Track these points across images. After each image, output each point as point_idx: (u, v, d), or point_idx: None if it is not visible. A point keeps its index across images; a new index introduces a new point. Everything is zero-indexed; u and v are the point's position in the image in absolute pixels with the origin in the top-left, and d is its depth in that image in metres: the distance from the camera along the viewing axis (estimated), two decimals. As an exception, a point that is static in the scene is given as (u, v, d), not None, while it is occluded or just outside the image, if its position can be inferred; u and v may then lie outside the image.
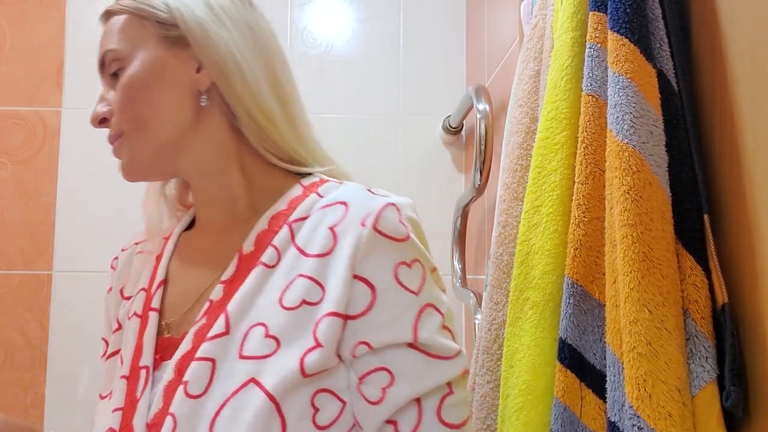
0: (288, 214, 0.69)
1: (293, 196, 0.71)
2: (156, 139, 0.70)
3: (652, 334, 0.59)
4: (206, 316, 0.66)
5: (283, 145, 0.73)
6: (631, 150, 0.63)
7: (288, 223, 0.69)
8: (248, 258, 0.68)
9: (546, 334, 0.75)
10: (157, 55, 0.70)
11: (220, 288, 0.67)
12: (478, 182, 1.40)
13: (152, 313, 0.71)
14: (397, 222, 0.65)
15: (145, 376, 0.66)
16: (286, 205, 0.70)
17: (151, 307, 0.71)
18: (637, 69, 0.65)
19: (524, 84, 0.93)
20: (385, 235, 0.64)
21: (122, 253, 0.83)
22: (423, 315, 0.64)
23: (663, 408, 0.58)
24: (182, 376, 0.63)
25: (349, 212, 0.66)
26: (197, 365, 0.63)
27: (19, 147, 1.75)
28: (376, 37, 1.83)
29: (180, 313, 0.70)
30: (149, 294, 0.73)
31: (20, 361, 1.68)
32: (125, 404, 0.66)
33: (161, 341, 0.69)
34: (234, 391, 0.61)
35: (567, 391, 0.69)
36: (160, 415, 0.63)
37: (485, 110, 1.40)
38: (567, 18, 0.79)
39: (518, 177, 0.91)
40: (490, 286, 0.93)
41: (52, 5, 1.79)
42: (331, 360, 0.62)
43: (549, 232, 0.76)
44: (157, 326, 0.70)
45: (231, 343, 0.63)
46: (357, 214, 0.65)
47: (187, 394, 0.62)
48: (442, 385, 0.63)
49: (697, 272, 0.62)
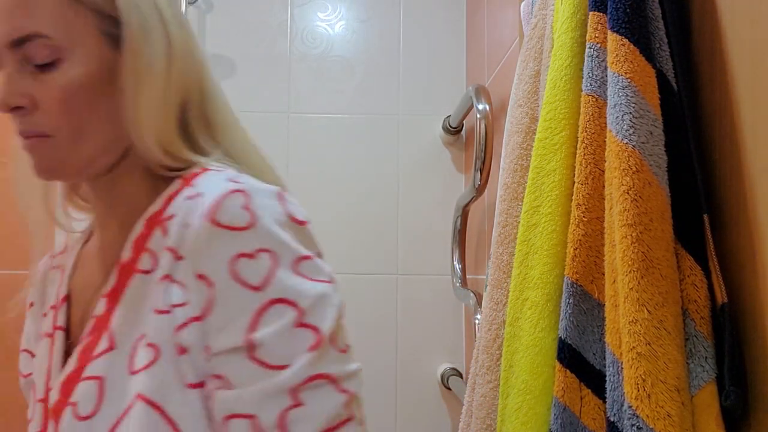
0: (162, 213, 0.62)
1: (170, 192, 0.63)
2: (90, 149, 0.63)
3: (651, 334, 0.59)
4: (92, 334, 0.61)
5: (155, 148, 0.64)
6: (630, 150, 0.63)
7: (160, 222, 0.61)
8: (126, 267, 0.62)
9: (545, 333, 0.75)
10: (103, 56, 0.62)
11: (103, 302, 0.62)
12: (478, 182, 1.40)
13: (58, 332, 0.66)
14: (239, 209, 0.56)
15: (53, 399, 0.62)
16: (162, 204, 0.63)
17: (56, 326, 0.66)
18: (637, 69, 0.65)
19: (524, 84, 0.93)
20: (222, 225, 0.55)
21: (41, 265, 0.77)
22: (266, 314, 0.54)
23: (662, 408, 0.58)
24: (68, 398, 0.59)
25: (200, 203, 0.57)
26: (84, 385, 0.58)
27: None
28: (376, 37, 1.83)
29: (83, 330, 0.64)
30: (56, 312, 0.68)
31: (20, 361, 1.69)
32: (41, 428, 0.63)
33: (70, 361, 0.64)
34: (126, 408, 0.56)
35: (566, 390, 0.69)
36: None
37: (485, 110, 1.40)
38: (567, 18, 0.79)
39: (518, 177, 0.91)
40: (490, 286, 0.93)
41: (52, 5, 1.79)
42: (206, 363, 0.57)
43: (548, 232, 0.76)
44: (63, 346, 0.65)
45: (118, 358, 0.58)
46: (202, 204, 0.57)
47: (76, 416, 0.57)
48: (277, 395, 0.53)
49: (696, 272, 0.62)
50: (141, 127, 0.62)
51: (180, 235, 0.58)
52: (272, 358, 0.54)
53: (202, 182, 0.60)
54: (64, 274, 0.71)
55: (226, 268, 0.55)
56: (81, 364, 0.60)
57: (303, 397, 0.53)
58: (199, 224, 0.56)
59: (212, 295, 0.55)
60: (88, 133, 0.62)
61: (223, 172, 0.62)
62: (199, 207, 0.57)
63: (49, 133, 0.61)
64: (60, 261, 0.74)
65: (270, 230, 0.56)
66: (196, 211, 0.57)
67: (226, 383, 0.55)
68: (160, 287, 0.58)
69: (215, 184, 0.58)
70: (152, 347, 0.56)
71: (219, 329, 0.55)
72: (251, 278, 0.55)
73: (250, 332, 0.54)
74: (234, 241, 0.55)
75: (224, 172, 0.62)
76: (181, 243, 0.57)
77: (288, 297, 0.55)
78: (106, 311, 0.61)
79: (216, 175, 0.61)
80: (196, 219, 0.56)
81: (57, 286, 0.71)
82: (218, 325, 0.55)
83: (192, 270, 0.56)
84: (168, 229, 0.60)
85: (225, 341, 0.54)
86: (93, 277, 0.67)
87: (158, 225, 0.61)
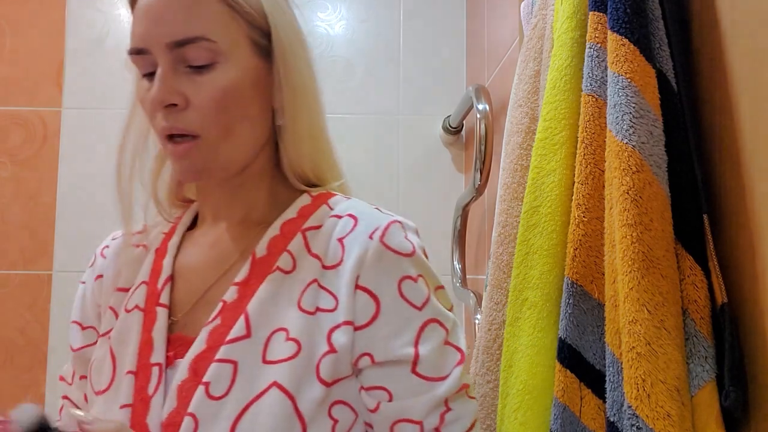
0: (299, 222, 0.70)
1: (302, 204, 0.72)
2: (236, 149, 0.68)
3: (651, 334, 0.59)
4: (220, 316, 0.66)
5: (311, 173, 0.74)
6: (630, 150, 0.63)
7: (301, 230, 0.69)
8: (261, 262, 0.68)
9: (544, 334, 0.75)
10: (253, 63, 0.68)
11: (233, 290, 0.67)
12: (478, 182, 1.40)
13: (161, 309, 0.69)
14: (402, 238, 0.67)
15: (158, 374, 0.65)
16: (296, 213, 0.71)
17: (160, 303, 0.70)
18: (637, 69, 0.65)
19: (524, 84, 0.93)
20: (392, 249, 0.65)
21: (113, 241, 0.80)
22: (425, 330, 0.65)
23: (662, 408, 0.58)
24: (199, 377, 0.62)
25: (358, 225, 0.67)
26: (218, 366, 0.62)
27: (19, 147, 1.75)
28: (376, 37, 1.83)
29: (184, 310, 0.70)
30: (154, 289, 0.71)
31: (20, 361, 1.68)
32: (134, 401, 0.64)
33: (172, 338, 0.68)
34: (257, 394, 0.61)
35: (566, 390, 0.69)
36: (175, 414, 0.62)
37: (485, 110, 1.40)
38: (567, 18, 0.79)
39: (518, 177, 0.91)
40: (490, 286, 0.93)
41: (52, 5, 1.79)
42: (345, 368, 0.64)
43: (547, 233, 0.76)
44: (166, 322, 0.68)
45: (253, 347, 0.63)
46: (365, 227, 0.67)
47: (209, 396, 0.61)
48: (439, 404, 0.64)
49: (696, 272, 0.62)
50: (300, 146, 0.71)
51: (333, 248, 0.67)
52: (431, 371, 0.64)
53: (349, 207, 0.70)
54: (164, 256, 0.74)
55: (395, 287, 0.65)
56: (211, 345, 0.64)
57: (452, 404, 0.65)
58: (369, 244, 0.65)
59: (379, 308, 0.64)
60: (233, 134, 0.67)
61: (357, 200, 0.73)
62: (362, 229, 0.66)
63: (198, 133, 0.65)
64: (139, 240, 0.78)
65: (424, 260, 0.67)
66: (360, 232, 0.66)
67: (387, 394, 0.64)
68: (303, 289, 0.65)
69: (369, 212, 0.69)
70: (294, 342, 0.63)
71: (387, 339, 0.64)
72: (414, 299, 0.65)
73: (414, 346, 0.64)
74: (401, 264, 0.65)
75: (358, 200, 0.72)
76: (331, 255, 0.67)
77: (439, 318, 0.66)
78: (239, 298, 0.66)
79: (359, 202, 0.71)
80: (363, 239, 0.66)
81: (150, 264, 0.74)
82: (385, 335, 0.64)
83: (352, 280, 0.64)
84: (311, 239, 0.68)
85: (393, 351, 0.63)
86: (202, 263, 0.72)
87: (298, 232, 0.69)
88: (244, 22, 0.67)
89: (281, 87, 0.69)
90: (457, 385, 0.65)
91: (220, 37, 0.64)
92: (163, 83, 0.64)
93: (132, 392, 0.65)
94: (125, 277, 0.75)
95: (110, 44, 1.80)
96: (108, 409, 0.66)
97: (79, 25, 1.79)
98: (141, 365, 0.66)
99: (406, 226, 0.68)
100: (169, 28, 0.63)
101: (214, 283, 0.70)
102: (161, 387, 0.64)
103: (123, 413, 0.64)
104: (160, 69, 0.64)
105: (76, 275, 1.72)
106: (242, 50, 0.67)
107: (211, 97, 0.64)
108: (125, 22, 1.80)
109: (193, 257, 0.74)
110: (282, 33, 0.69)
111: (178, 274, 0.73)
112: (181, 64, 0.65)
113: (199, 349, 0.64)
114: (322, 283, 0.66)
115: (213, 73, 0.65)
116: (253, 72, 0.67)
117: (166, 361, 0.66)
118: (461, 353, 0.67)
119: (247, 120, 0.68)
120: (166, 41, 0.63)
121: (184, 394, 0.62)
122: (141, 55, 0.65)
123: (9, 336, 1.70)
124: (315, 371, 0.62)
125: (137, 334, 0.68)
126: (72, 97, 1.77)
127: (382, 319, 0.64)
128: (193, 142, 0.65)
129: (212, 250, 0.73)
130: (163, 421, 0.62)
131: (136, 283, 0.73)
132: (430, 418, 0.64)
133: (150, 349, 0.67)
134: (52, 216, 1.74)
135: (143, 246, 0.77)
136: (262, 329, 0.64)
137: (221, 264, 0.71)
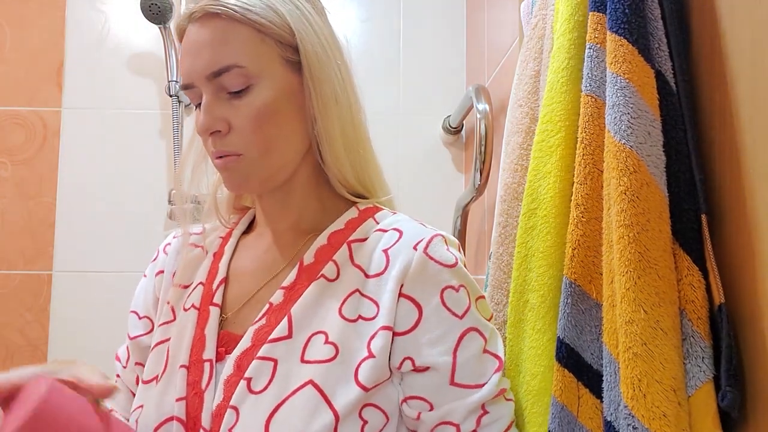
0: (346, 233, 0.75)
1: (350, 217, 0.76)
2: (278, 163, 0.72)
3: (647, 335, 0.59)
4: (266, 317, 0.70)
5: (354, 180, 0.77)
6: (628, 151, 0.63)
7: (347, 242, 0.74)
8: (308, 269, 0.73)
9: (543, 334, 0.75)
10: (286, 79, 0.71)
11: (280, 293, 0.72)
12: (478, 182, 1.40)
13: (214, 309, 0.74)
14: (445, 250, 0.71)
15: (209, 369, 0.69)
16: (343, 225, 0.76)
17: (213, 302, 0.74)
18: (636, 69, 0.65)
19: (524, 84, 0.93)
20: (435, 260, 0.70)
21: (174, 239, 0.85)
22: (465, 338, 0.68)
23: (658, 408, 0.58)
24: (243, 372, 0.67)
25: (403, 238, 0.72)
26: (259, 363, 0.67)
27: (19, 147, 1.76)
28: (376, 37, 1.83)
29: (234, 310, 0.74)
30: (210, 289, 0.76)
31: (20, 361, 1.69)
32: (188, 395, 0.68)
33: (221, 335, 0.72)
34: (293, 390, 0.65)
35: (564, 390, 0.69)
36: (221, 406, 0.66)
37: (485, 110, 1.40)
38: (566, 18, 0.79)
39: (518, 177, 0.91)
40: (491, 286, 0.93)
41: (52, 5, 1.79)
42: (383, 372, 0.67)
43: (544, 235, 0.76)
44: (218, 321, 0.73)
45: (293, 347, 0.67)
46: (410, 239, 0.71)
47: (250, 390, 0.66)
48: (476, 409, 0.68)
49: (693, 272, 0.62)
50: (336, 154, 0.74)
51: (377, 259, 0.71)
52: (469, 379, 0.68)
53: (394, 222, 0.75)
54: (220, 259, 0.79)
55: (438, 296, 0.69)
56: (255, 343, 0.69)
57: (489, 407, 0.69)
58: (413, 255, 0.69)
59: (421, 315, 0.68)
60: (274, 149, 0.71)
61: (402, 215, 0.77)
62: (407, 241, 0.71)
63: (241, 152, 0.71)
64: (198, 241, 0.83)
65: (465, 271, 0.72)
66: (404, 244, 0.70)
67: (427, 405, 0.68)
68: (345, 297, 0.69)
69: (413, 226, 0.74)
70: (333, 345, 0.67)
71: (430, 344, 0.67)
72: (456, 308, 0.69)
73: (452, 354, 0.68)
74: (444, 274, 0.69)
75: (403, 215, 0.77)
76: (375, 265, 0.71)
77: (478, 327, 0.70)
78: (284, 301, 0.71)
79: (404, 217, 0.76)
80: (408, 250, 0.70)
81: (208, 266, 0.79)
82: (427, 342, 0.68)
83: (396, 288, 0.68)
84: (356, 250, 0.73)
85: (432, 357, 0.67)
86: (254, 266, 0.77)
87: (344, 243, 0.74)
88: (273, 42, 0.70)
89: (311, 98, 0.72)
90: (495, 391, 0.69)
91: (250, 62, 0.69)
92: (206, 113, 0.70)
93: (185, 386, 0.69)
94: (183, 275, 0.80)
95: (110, 44, 1.80)
96: (161, 401, 0.70)
97: (79, 25, 1.79)
98: (193, 360, 0.71)
99: (448, 240, 0.73)
100: (206, 61, 0.69)
101: (263, 286, 0.75)
102: (213, 381, 0.68)
103: (178, 406, 0.68)
104: (204, 99, 0.70)
105: (76, 275, 1.72)
106: (275, 69, 0.71)
107: (248, 118, 0.69)
108: (125, 22, 1.80)
109: (246, 261, 0.79)
110: (308, 46, 0.72)
111: (232, 276, 0.78)
112: (222, 92, 0.70)
113: (245, 346, 0.69)
114: (363, 292, 0.70)
115: (249, 96, 0.70)
116: (287, 88, 0.71)
117: (216, 356, 0.70)
118: (500, 361, 0.70)
119: (284, 133, 0.72)
120: (205, 74, 0.69)
121: (229, 387, 0.67)
122: (189, 89, 0.72)
123: (9, 336, 1.70)
124: (353, 375, 0.66)
125: (191, 331, 0.73)
126: (72, 97, 1.77)
127: (424, 326, 0.68)
128: (236, 157, 0.71)
129: (264, 255, 0.78)
130: (213, 412, 0.67)
131: (195, 282, 0.78)
132: (468, 422, 0.68)
133: (202, 346, 0.71)
134: (52, 216, 1.74)
135: (201, 247, 0.82)
136: (303, 331, 0.68)
137: (271, 268, 0.76)
